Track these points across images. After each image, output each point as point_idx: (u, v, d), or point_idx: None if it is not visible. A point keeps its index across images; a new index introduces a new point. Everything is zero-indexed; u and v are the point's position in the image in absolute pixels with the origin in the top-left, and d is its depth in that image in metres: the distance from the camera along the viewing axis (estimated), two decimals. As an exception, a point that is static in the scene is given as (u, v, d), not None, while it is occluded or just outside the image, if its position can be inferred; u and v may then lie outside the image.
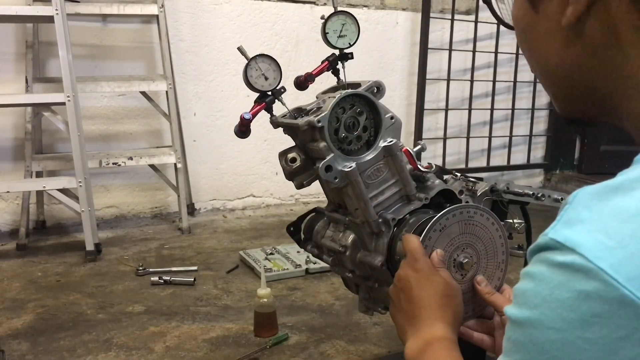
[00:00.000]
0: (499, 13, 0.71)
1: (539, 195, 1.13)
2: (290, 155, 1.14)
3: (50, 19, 2.22)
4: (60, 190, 2.34)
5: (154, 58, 2.88)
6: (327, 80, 1.22)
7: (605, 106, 0.57)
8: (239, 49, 1.14)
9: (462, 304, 0.91)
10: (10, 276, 2.12)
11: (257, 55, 1.12)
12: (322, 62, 1.19)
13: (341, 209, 1.20)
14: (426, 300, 0.87)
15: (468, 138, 3.43)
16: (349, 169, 1.07)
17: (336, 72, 1.20)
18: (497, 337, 0.99)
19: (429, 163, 1.16)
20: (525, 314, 0.43)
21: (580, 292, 0.39)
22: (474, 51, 3.32)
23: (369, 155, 1.11)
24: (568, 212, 0.44)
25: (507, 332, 0.46)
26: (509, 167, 3.61)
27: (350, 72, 1.18)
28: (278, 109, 1.16)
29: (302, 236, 1.31)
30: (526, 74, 3.42)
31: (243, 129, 1.14)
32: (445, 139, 3.36)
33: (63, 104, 2.24)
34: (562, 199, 1.13)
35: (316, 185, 1.18)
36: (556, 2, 0.55)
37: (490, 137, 3.47)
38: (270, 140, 3.05)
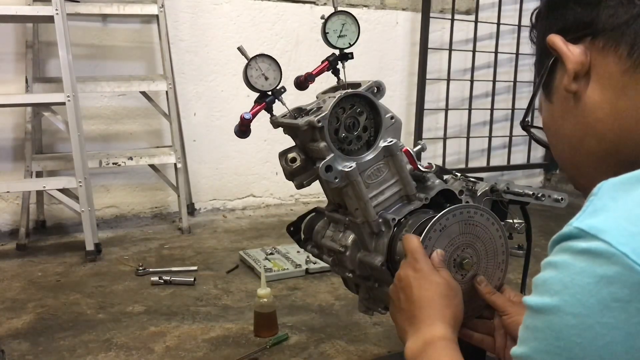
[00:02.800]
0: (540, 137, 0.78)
1: (539, 195, 1.12)
2: (290, 155, 1.14)
3: (50, 19, 2.22)
4: (60, 190, 2.34)
5: (154, 58, 2.88)
6: (327, 80, 1.22)
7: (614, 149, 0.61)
8: (239, 49, 1.14)
9: (462, 304, 0.91)
10: (10, 276, 2.12)
11: (257, 55, 1.12)
12: (322, 62, 1.19)
13: (341, 209, 1.20)
14: (426, 301, 0.87)
15: (468, 138, 3.43)
16: (349, 169, 1.07)
17: (336, 72, 1.20)
18: (497, 337, 0.99)
19: (429, 163, 1.16)
20: (545, 301, 0.43)
21: (602, 276, 0.40)
22: (474, 51, 3.32)
23: (369, 156, 1.11)
24: (594, 203, 0.44)
25: (525, 320, 0.46)
26: (509, 167, 3.61)
27: (350, 72, 1.18)
28: (278, 109, 1.16)
29: (302, 236, 1.31)
30: (526, 74, 3.42)
31: (243, 129, 1.14)
32: (445, 139, 3.36)
33: (63, 104, 2.24)
34: (562, 199, 1.13)
35: (316, 185, 1.17)
36: (561, 79, 0.63)
37: (490, 137, 3.47)
38: (270, 140, 3.05)
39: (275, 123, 1.17)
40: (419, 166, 1.14)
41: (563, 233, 0.45)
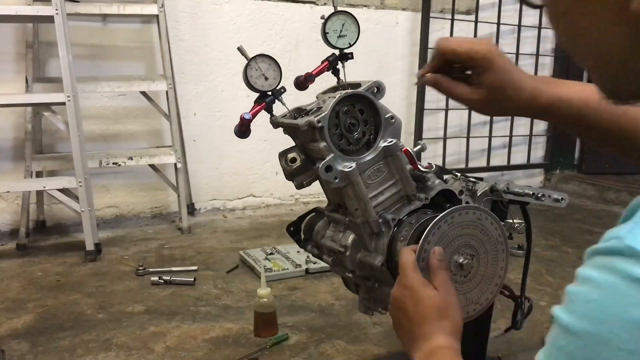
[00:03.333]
0: None
1: (539, 195, 1.12)
2: (290, 155, 1.14)
3: (50, 19, 2.22)
4: (60, 190, 2.34)
5: (154, 58, 2.88)
6: (327, 80, 1.22)
7: None
8: (239, 49, 1.14)
9: (458, 309, 0.90)
10: (10, 276, 2.12)
11: (257, 55, 1.12)
12: (322, 62, 1.19)
13: (341, 209, 1.20)
14: (422, 316, 0.86)
15: (468, 138, 3.43)
16: (349, 169, 1.07)
17: (336, 72, 1.20)
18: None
19: (429, 163, 1.16)
20: (587, 327, 0.39)
21: None
22: (474, 51, 3.31)
23: (369, 156, 1.11)
24: None
25: (558, 339, 0.42)
26: (509, 167, 3.61)
27: (350, 72, 1.18)
28: (278, 109, 1.16)
29: (302, 236, 1.31)
30: (526, 74, 3.41)
31: (243, 129, 1.14)
32: (445, 139, 3.36)
33: (63, 104, 2.24)
34: (562, 199, 1.13)
35: (316, 185, 1.17)
36: None
37: (490, 137, 3.47)
38: (270, 140, 3.05)
39: (275, 123, 1.17)
40: (419, 166, 1.14)
41: (611, 247, 0.38)
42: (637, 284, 0.36)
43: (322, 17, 1.16)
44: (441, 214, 0.98)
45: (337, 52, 1.18)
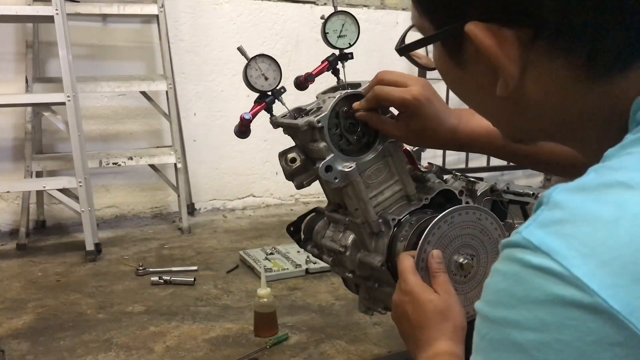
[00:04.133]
0: (421, 59, 0.69)
1: (539, 195, 1.12)
2: (290, 156, 1.13)
3: (50, 19, 2.22)
4: (60, 190, 2.34)
5: (154, 58, 2.88)
6: (327, 80, 1.22)
7: (548, 137, 0.58)
8: (239, 49, 1.14)
9: (460, 310, 0.91)
10: (10, 276, 2.12)
11: (257, 55, 1.12)
12: (322, 62, 1.19)
13: (341, 209, 1.20)
14: (423, 321, 0.88)
15: (468, 138, 3.42)
16: (349, 169, 1.07)
17: (336, 72, 1.20)
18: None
19: (429, 163, 1.16)
20: (501, 313, 0.43)
21: (557, 295, 0.40)
22: (474, 51, 3.31)
23: (368, 156, 1.11)
24: (544, 213, 0.43)
25: (481, 329, 0.46)
26: (509, 167, 3.61)
27: (350, 72, 1.18)
28: (278, 109, 1.16)
29: (302, 236, 1.31)
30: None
31: (243, 129, 1.14)
32: (445, 139, 3.36)
33: (63, 104, 2.24)
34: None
35: (316, 185, 1.17)
36: (485, 69, 0.51)
37: (490, 137, 3.47)
38: (270, 140, 3.05)
39: (275, 123, 1.17)
40: (418, 166, 1.14)
41: (512, 241, 0.43)
42: (534, 270, 0.41)
43: (322, 17, 1.16)
44: (440, 215, 0.98)
45: (337, 52, 1.18)
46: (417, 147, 1.17)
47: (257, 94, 1.14)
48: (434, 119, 1.04)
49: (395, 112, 1.11)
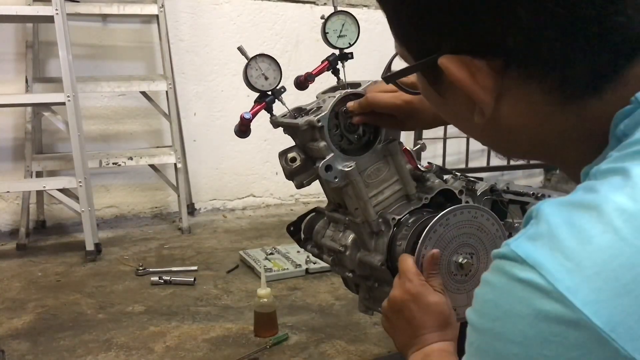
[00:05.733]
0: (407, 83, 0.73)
1: (539, 195, 1.13)
2: (290, 155, 1.14)
3: (50, 19, 2.22)
4: (60, 190, 2.34)
5: (154, 58, 2.88)
6: (327, 80, 1.22)
7: (532, 157, 0.60)
8: (239, 49, 1.14)
9: (453, 314, 0.94)
10: (10, 276, 2.12)
11: (257, 55, 1.12)
12: (322, 62, 1.19)
13: (341, 208, 1.20)
14: (422, 322, 0.91)
15: (468, 138, 3.42)
16: (348, 169, 1.07)
17: (336, 72, 1.20)
18: None
19: (429, 163, 1.16)
20: (486, 324, 0.44)
21: (540, 310, 0.40)
22: (474, 51, 3.31)
23: (368, 155, 1.11)
24: (532, 227, 0.44)
25: (470, 336, 0.47)
26: (509, 167, 3.61)
27: (350, 72, 1.18)
28: (278, 108, 1.16)
29: (302, 236, 1.31)
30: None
31: (243, 129, 1.14)
32: (445, 139, 3.36)
33: (63, 104, 2.24)
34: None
35: (316, 185, 1.17)
36: (462, 98, 0.53)
37: (490, 137, 3.47)
38: (270, 140, 3.05)
39: (275, 123, 1.17)
40: (418, 166, 1.14)
41: (501, 252, 0.44)
42: (519, 283, 0.42)
43: (322, 17, 1.16)
44: (436, 218, 0.98)
45: (337, 52, 1.18)
46: (417, 147, 1.17)
47: (257, 94, 1.14)
48: (427, 113, 1.04)
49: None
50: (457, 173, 1.19)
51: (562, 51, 0.47)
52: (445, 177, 1.18)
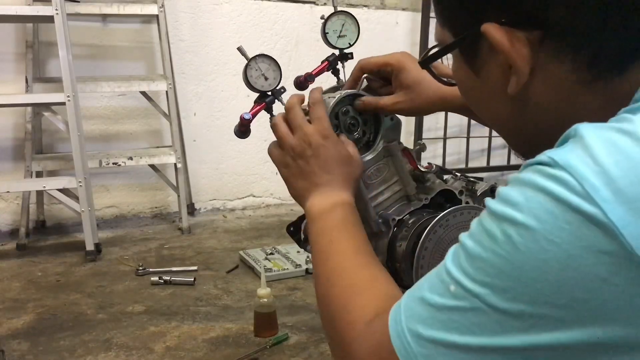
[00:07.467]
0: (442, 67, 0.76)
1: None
2: (290, 155, 1.13)
3: (50, 19, 2.22)
4: (60, 190, 2.34)
5: (154, 58, 2.88)
6: (327, 80, 1.22)
7: (552, 142, 0.63)
8: (238, 49, 1.13)
9: (361, 166, 0.96)
10: (10, 276, 2.13)
11: (257, 55, 1.12)
12: (322, 62, 1.19)
13: (341, 209, 1.19)
14: (330, 167, 0.91)
15: (468, 138, 3.43)
16: (349, 169, 1.07)
17: (336, 72, 1.20)
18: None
19: (429, 163, 1.15)
20: (506, 211, 0.48)
21: (562, 198, 0.45)
22: (474, 51, 3.31)
23: (368, 156, 1.11)
24: (569, 142, 0.48)
25: (483, 220, 0.52)
26: (509, 167, 3.61)
27: (350, 72, 1.17)
28: (278, 108, 1.16)
29: (302, 236, 1.31)
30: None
31: (243, 129, 1.13)
32: (445, 139, 3.36)
33: (63, 104, 2.24)
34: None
35: (316, 185, 1.17)
36: (497, 70, 0.58)
37: (490, 137, 3.47)
38: (270, 141, 3.04)
39: (275, 123, 1.17)
40: (418, 166, 1.13)
41: (536, 159, 0.49)
42: (549, 178, 0.46)
43: (322, 17, 1.16)
44: (436, 219, 0.98)
45: (337, 52, 1.18)
46: (417, 148, 1.17)
47: (257, 94, 1.14)
48: (420, 71, 1.01)
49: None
50: (457, 173, 1.19)
51: (597, 25, 0.51)
52: (445, 177, 1.18)
